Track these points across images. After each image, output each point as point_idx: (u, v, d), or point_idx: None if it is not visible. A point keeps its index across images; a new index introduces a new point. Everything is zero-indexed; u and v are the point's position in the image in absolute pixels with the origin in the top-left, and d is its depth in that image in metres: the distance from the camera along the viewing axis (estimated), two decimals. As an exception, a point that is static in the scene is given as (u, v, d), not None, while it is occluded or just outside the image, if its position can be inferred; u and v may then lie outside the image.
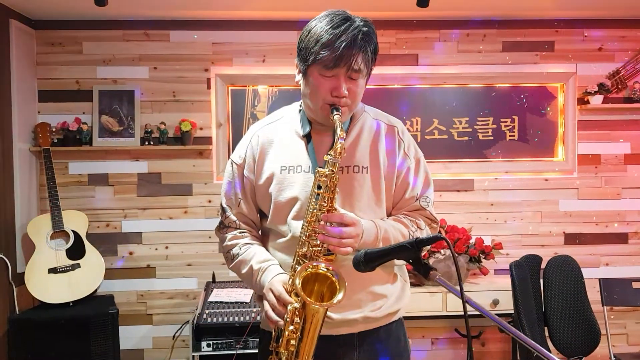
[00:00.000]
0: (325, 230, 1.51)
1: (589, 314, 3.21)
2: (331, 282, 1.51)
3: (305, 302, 1.47)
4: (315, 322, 1.50)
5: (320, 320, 1.50)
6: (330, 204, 1.54)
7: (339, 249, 1.53)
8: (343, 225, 1.53)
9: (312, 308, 1.48)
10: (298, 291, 1.46)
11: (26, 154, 3.61)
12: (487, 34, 3.91)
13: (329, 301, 1.49)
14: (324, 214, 1.53)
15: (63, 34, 3.75)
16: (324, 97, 1.58)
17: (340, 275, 1.50)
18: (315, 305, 1.47)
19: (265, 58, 3.83)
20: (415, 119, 3.89)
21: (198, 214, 3.83)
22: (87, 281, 3.40)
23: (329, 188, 1.53)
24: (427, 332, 3.93)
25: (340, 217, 1.53)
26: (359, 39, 1.54)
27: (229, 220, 1.74)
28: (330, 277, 1.51)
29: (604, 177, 3.99)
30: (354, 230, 1.53)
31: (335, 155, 1.53)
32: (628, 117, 3.97)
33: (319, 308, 1.48)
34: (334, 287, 1.50)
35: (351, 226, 1.53)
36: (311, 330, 1.50)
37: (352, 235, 1.53)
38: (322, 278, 1.53)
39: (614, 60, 3.95)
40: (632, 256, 4.00)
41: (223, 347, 3.10)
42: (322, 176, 1.53)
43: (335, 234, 1.51)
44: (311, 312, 1.49)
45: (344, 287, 1.48)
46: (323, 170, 1.53)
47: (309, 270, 1.51)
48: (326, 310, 1.51)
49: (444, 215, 3.77)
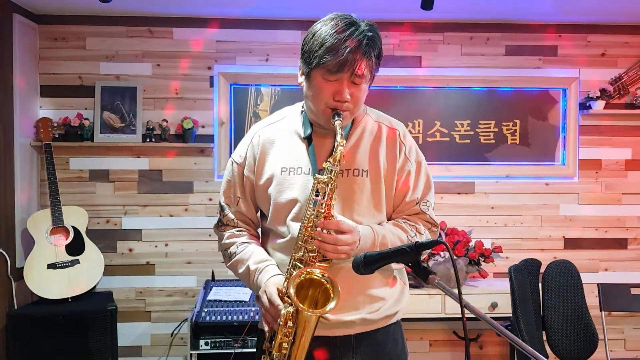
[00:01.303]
0: (321, 237, 1.51)
1: (587, 318, 3.20)
2: (325, 287, 1.52)
3: (298, 309, 1.47)
4: (308, 328, 1.50)
5: (312, 326, 1.51)
6: (328, 210, 1.53)
7: (334, 256, 1.53)
8: (340, 233, 1.52)
9: (305, 315, 1.49)
10: (291, 298, 1.47)
11: (27, 149, 3.61)
12: (490, 37, 3.91)
13: (322, 307, 1.49)
14: (321, 220, 1.52)
15: (66, 29, 3.74)
16: (326, 101, 1.58)
17: (334, 283, 1.50)
18: (308, 312, 1.48)
19: (268, 57, 3.83)
20: (417, 121, 3.89)
21: (198, 212, 3.83)
22: (86, 277, 3.41)
23: (327, 195, 1.53)
24: (425, 334, 3.93)
25: (337, 225, 1.53)
26: (363, 45, 1.53)
27: (227, 219, 1.74)
28: (324, 283, 1.52)
29: (604, 183, 3.99)
30: (350, 237, 1.53)
31: (334, 162, 1.53)
32: (629, 123, 3.97)
33: (311, 315, 1.49)
34: (329, 293, 1.51)
35: (348, 234, 1.53)
36: (304, 335, 1.50)
37: (348, 242, 1.52)
38: (316, 283, 1.54)
39: (617, 65, 3.95)
40: (631, 262, 4.00)
41: (221, 345, 3.10)
42: (321, 183, 1.53)
43: (331, 241, 1.51)
44: (304, 318, 1.49)
45: (338, 295, 1.48)
46: (321, 177, 1.53)
47: (303, 276, 1.52)
48: (318, 317, 1.51)
49: (445, 217, 3.77)
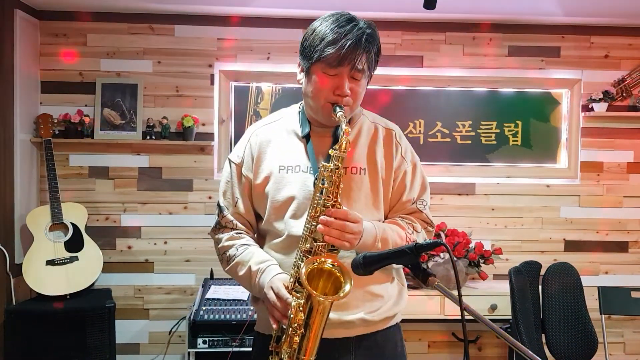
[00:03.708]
0: (328, 222, 1.48)
1: (586, 321, 3.19)
2: (336, 278, 1.48)
3: (311, 295, 1.43)
4: (320, 317, 1.46)
5: (325, 314, 1.47)
6: (335, 198, 1.52)
7: (339, 243, 1.50)
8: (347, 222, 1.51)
9: (317, 301, 1.44)
10: (303, 282, 1.43)
11: (27, 145, 3.60)
12: (493, 37, 3.89)
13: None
14: (329, 209, 1.51)
15: (68, 26, 3.74)
16: (327, 96, 1.58)
17: (346, 269, 1.47)
18: (320, 297, 1.43)
19: (269, 55, 3.81)
20: (419, 121, 3.87)
21: (198, 210, 3.82)
22: (85, 274, 3.40)
23: (334, 183, 1.51)
24: (424, 336, 3.92)
25: (345, 215, 1.51)
26: (363, 40, 1.55)
27: (226, 220, 1.72)
28: (335, 272, 1.48)
29: (606, 185, 3.97)
30: (356, 227, 1.51)
31: (340, 150, 1.52)
32: (632, 126, 3.96)
33: (324, 301, 1.44)
34: (338, 284, 1.47)
35: (354, 223, 1.52)
36: (315, 325, 1.46)
37: (355, 231, 1.51)
38: (326, 275, 1.50)
39: (620, 67, 3.93)
40: (631, 265, 3.99)
41: (219, 344, 3.10)
42: (327, 170, 1.52)
43: (338, 227, 1.49)
44: (316, 306, 1.45)
45: (350, 280, 1.44)
46: (328, 164, 1.52)
47: (315, 264, 1.48)
48: (331, 304, 1.47)
49: (445, 218, 3.76)
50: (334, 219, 1.49)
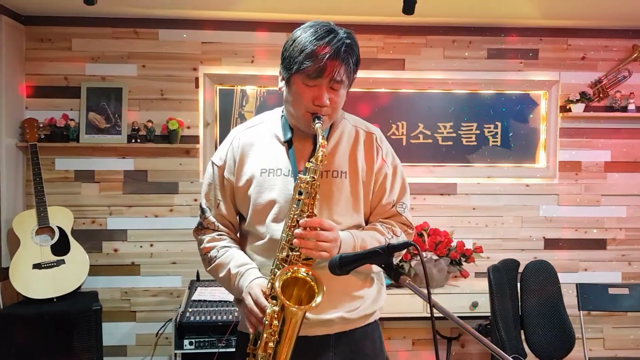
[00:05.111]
0: (303, 234, 1.54)
1: (564, 317, 3.27)
2: (310, 286, 1.54)
3: (284, 305, 1.49)
4: (294, 325, 1.52)
5: (298, 323, 1.53)
6: (311, 210, 1.56)
7: (316, 254, 1.55)
8: (321, 230, 1.56)
9: (291, 311, 1.50)
10: (277, 294, 1.49)
11: (13, 149, 3.62)
12: (472, 40, 3.97)
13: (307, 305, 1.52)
14: (304, 219, 1.55)
15: (52, 30, 3.76)
16: (306, 106, 1.62)
17: (319, 279, 1.52)
18: (293, 308, 1.50)
19: (254, 59, 3.86)
20: (401, 123, 3.93)
21: (184, 212, 3.85)
22: (72, 277, 3.42)
23: (310, 194, 1.56)
24: (408, 333, 3.98)
25: (319, 223, 1.56)
26: (342, 52, 1.58)
27: (208, 222, 1.76)
28: (309, 281, 1.54)
29: (584, 184, 4.06)
30: (331, 234, 1.56)
31: (317, 162, 1.56)
32: (609, 126, 4.05)
33: (297, 311, 1.50)
34: (313, 292, 1.53)
35: (329, 231, 1.56)
36: (289, 332, 1.52)
37: (330, 239, 1.55)
38: (301, 283, 1.56)
39: (597, 69, 4.02)
40: (609, 262, 4.08)
41: (205, 345, 3.12)
42: (303, 182, 1.56)
43: (312, 236, 1.54)
44: (289, 315, 1.51)
45: (322, 291, 1.50)
46: (304, 177, 1.56)
47: (288, 274, 1.53)
48: (304, 313, 1.53)
49: (427, 218, 3.82)
50: (308, 228, 1.54)
